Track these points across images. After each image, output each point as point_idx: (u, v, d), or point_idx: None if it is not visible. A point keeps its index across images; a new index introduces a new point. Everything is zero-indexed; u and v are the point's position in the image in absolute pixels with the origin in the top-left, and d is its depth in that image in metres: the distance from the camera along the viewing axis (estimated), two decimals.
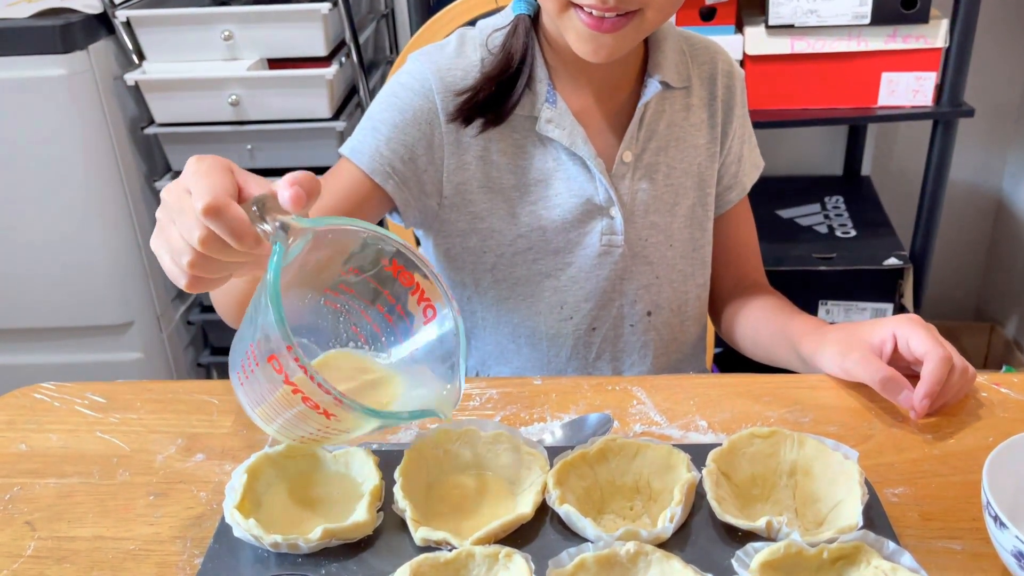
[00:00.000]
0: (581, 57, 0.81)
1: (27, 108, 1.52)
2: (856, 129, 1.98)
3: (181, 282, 0.57)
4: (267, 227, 0.54)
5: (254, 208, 0.54)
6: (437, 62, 0.88)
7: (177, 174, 1.71)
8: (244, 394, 0.60)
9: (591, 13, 0.76)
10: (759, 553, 0.55)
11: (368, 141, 0.86)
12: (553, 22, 0.82)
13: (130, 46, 1.60)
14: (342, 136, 1.64)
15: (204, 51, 1.60)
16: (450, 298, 0.62)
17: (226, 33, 1.58)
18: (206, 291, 0.59)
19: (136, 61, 1.62)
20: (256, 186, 0.55)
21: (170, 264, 0.57)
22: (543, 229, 0.91)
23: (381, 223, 0.88)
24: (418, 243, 1.04)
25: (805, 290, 1.68)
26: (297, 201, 0.54)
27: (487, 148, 0.89)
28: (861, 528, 0.57)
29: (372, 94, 1.71)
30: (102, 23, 1.58)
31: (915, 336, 0.74)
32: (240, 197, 0.54)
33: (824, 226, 1.80)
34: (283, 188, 0.54)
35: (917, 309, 1.69)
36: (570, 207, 0.90)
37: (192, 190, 0.53)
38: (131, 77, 1.57)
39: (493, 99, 0.86)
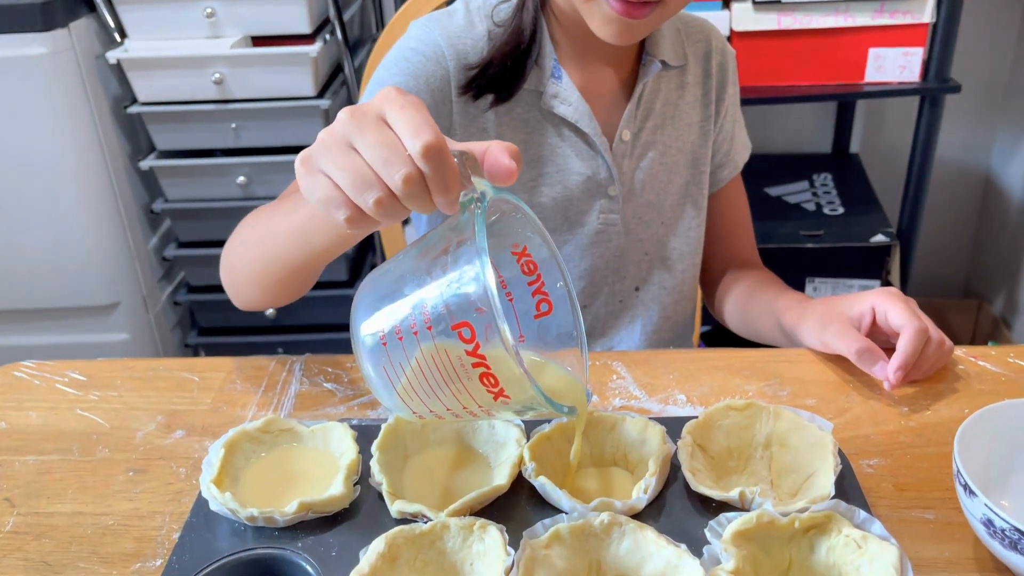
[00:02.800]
0: (601, 39, 0.79)
1: (7, 87, 1.50)
2: (845, 106, 1.98)
3: (341, 214, 0.49)
4: (470, 188, 0.49)
5: (455, 161, 0.48)
6: (447, 29, 0.86)
7: (163, 154, 1.70)
8: (387, 357, 0.53)
9: (621, 0, 0.75)
10: (732, 523, 0.55)
11: None
12: (569, 2, 0.81)
13: (112, 24, 1.59)
14: (327, 114, 1.63)
15: (187, 29, 1.59)
16: (574, 301, 0.60)
17: (209, 10, 1.56)
18: (362, 232, 0.52)
19: (118, 39, 1.60)
20: (447, 139, 0.49)
21: (334, 192, 0.49)
22: (542, 206, 0.90)
23: None
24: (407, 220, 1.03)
25: (792, 267, 1.69)
26: (511, 176, 0.49)
27: (494, 122, 0.87)
28: (833, 498, 0.57)
29: (358, 72, 1.70)
30: (83, 0, 1.56)
31: (892, 309, 0.75)
32: None
33: (812, 203, 1.80)
34: (502, 156, 0.49)
35: (904, 286, 1.70)
36: (571, 185, 0.90)
37: (398, 122, 0.47)
38: (113, 55, 1.56)
39: (504, 75, 0.85)
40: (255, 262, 0.73)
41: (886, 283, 1.69)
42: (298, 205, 0.64)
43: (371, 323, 0.53)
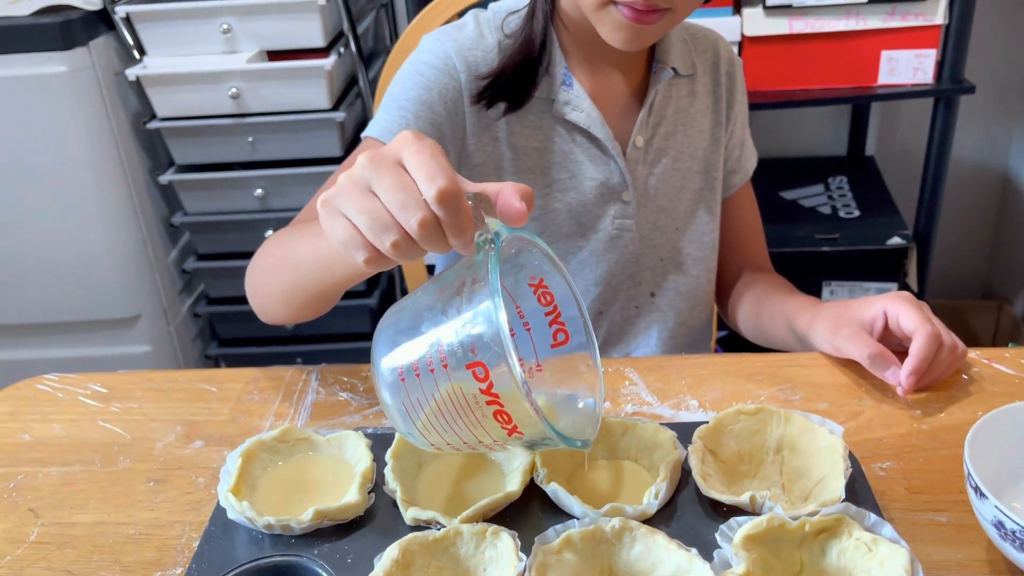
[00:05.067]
0: (612, 45, 0.80)
1: (29, 106, 1.53)
2: (860, 109, 1.97)
3: (360, 255, 0.52)
4: (484, 229, 0.51)
5: (469, 203, 0.50)
6: (458, 41, 0.87)
7: (181, 168, 1.72)
8: (405, 392, 0.54)
9: (631, 7, 0.76)
10: (742, 527, 0.55)
11: (396, 120, 0.84)
12: (579, 10, 0.82)
13: (130, 41, 1.61)
14: (342, 127, 1.65)
15: (203, 44, 1.61)
16: (590, 331, 0.60)
17: (225, 26, 1.59)
18: (378, 271, 0.53)
19: (137, 56, 1.63)
20: (462, 181, 0.51)
21: (353, 234, 0.51)
22: (556, 212, 0.91)
23: None
24: None
25: (809, 271, 1.68)
26: (522, 218, 0.51)
27: (506, 130, 0.89)
28: (843, 501, 0.58)
29: (372, 84, 1.72)
30: (102, 19, 1.59)
31: (904, 313, 0.75)
32: None
33: (828, 207, 1.80)
34: (514, 199, 0.51)
35: (922, 288, 1.69)
36: (585, 191, 0.91)
37: (415, 167, 0.49)
38: (132, 72, 1.59)
39: (515, 84, 0.86)
40: (279, 285, 0.76)
41: (904, 286, 1.68)
42: (321, 234, 0.66)
43: (390, 358, 0.55)
